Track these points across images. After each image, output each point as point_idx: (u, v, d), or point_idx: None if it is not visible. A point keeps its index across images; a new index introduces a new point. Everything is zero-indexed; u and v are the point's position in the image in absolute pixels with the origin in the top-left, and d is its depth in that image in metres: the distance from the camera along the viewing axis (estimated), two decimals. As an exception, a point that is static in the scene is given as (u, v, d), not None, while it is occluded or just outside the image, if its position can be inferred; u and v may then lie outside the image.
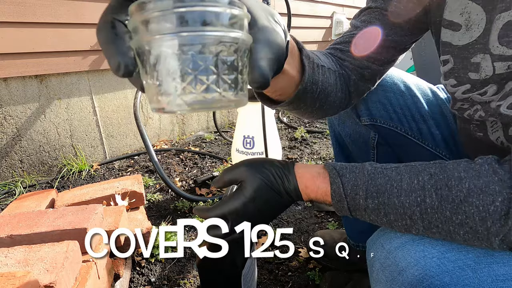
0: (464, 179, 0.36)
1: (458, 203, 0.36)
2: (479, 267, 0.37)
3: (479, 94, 0.45)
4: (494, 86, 0.43)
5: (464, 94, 0.48)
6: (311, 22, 2.83)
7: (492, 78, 0.43)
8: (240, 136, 1.28)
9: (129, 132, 1.83)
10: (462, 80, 0.47)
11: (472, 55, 0.44)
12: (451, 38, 0.46)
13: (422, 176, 0.38)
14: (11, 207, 0.86)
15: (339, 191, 0.43)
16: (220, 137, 2.11)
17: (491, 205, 0.34)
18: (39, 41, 1.34)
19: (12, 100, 1.37)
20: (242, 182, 0.46)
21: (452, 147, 0.68)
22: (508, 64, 0.40)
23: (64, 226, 0.67)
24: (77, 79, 1.54)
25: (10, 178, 1.43)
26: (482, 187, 0.35)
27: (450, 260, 0.38)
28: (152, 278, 0.88)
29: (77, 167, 1.55)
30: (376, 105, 0.69)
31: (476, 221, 0.35)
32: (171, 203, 1.27)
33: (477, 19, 0.42)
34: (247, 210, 0.45)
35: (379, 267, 0.44)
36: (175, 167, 1.63)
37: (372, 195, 0.41)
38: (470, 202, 0.35)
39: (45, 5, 1.32)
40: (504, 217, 0.34)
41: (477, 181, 0.35)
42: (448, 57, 0.48)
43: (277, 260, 0.94)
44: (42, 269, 0.55)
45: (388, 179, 0.41)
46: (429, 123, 0.68)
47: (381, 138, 0.73)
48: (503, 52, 0.40)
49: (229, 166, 0.49)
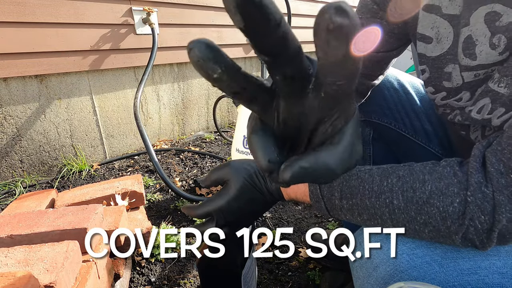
0: (427, 182, 0.38)
1: (421, 204, 0.38)
2: (446, 262, 0.40)
3: (455, 100, 0.49)
4: (467, 93, 0.47)
5: (442, 100, 0.51)
6: (311, 22, 2.82)
7: (463, 86, 0.46)
8: (240, 136, 1.28)
9: (129, 132, 1.83)
10: (438, 88, 0.50)
11: (445, 65, 0.48)
12: (425, 50, 0.50)
13: (391, 178, 0.41)
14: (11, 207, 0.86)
15: (316, 192, 0.45)
16: (220, 137, 2.11)
17: (450, 205, 0.36)
18: (39, 41, 1.34)
19: (12, 100, 1.37)
20: (227, 182, 0.49)
21: (444, 143, 0.70)
22: (474, 73, 0.44)
23: (64, 226, 0.67)
24: (77, 79, 1.54)
25: (10, 178, 1.43)
26: (443, 189, 0.37)
27: (419, 256, 0.41)
28: (152, 278, 0.88)
29: (77, 167, 1.55)
30: (370, 101, 0.71)
31: (438, 220, 0.37)
32: (171, 203, 1.27)
33: (445, 33, 0.46)
34: (231, 208, 0.48)
35: (357, 265, 0.47)
36: (175, 167, 1.63)
37: (346, 196, 0.43)
38: (432, 203, 0.37)
39: (45, 5, 1.32)
40: (461, 217, 0.36)
41: (439, 183, 0.38)
42: (424, 67, 0.52)
43: (277, 260, 0.94)
44: (42, 269, 0.55)
45: (361, 181, 0.43)
46: (422, 120, 0.70)
47: (376, 134, 0.75)
48: (468, 63, 0.44)
49: (216, 166, 0.52)
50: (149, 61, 1.51)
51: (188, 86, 2.07)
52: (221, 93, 2.29)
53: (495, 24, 0.40)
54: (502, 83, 0.40)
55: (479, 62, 0.43)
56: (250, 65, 2.45)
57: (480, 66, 0.43)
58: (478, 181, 0.35)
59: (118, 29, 1.57)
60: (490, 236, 0.35)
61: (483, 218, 0.35)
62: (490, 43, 0.41)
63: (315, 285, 0.86)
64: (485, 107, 0.44)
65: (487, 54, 0.42)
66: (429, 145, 0.70)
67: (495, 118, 0.42)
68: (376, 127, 0.74)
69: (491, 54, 0.41)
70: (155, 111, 1.94)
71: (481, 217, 0.35)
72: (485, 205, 0.35)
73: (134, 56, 1.67)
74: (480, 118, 0.45)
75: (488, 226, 0.35)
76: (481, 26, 0.41)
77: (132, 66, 1.70)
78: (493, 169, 0.35)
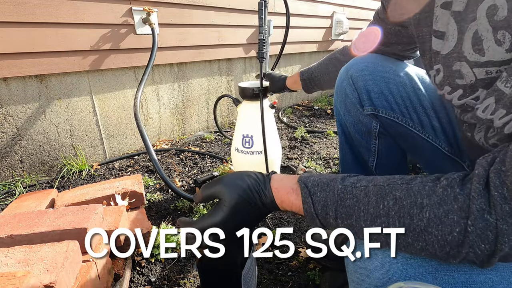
0: (426, 207, 0.37)
1: (419, 232, 0.37)
2: (440, 274, 0.39)
3: (472, 99, 0.48)
4: (484, 91, 0.45)
5: (459, 100, 0.50)
6: (311, 22, 2.83)
7: (477, 83, 0.45)
8: (240, 135, 1.28)
9: (129, 132, 1.83)
10: (454, 86, 0.49)
11: (452, 63, 0.48)
12: (440, 47, 0.50)
13: (387, 200, 0.39)
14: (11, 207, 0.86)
15: (310, 210, 0.44)
16: (220, 137, 2.11)
17: (449, 235, 0.35)
18: (39, 41, 1.34)
19: (12, 100, 1.37)
20: (221, 200, 0.49)
21: (451, 139, 0.69)
22: (485, 69, 0.43)
23: (64, 226, 0.67)
24: (77, 79, 1.54)
25: (10, 178, 1.43)
26: (442, 217, 0.36)
27: (413, 266, 0.40)
28: (152, 278, 0.88)
29: (77, 167, 1.55)
30: (378, 95, 0.71)
31: (435, 248, 0.37)
32: (171, 203, 1.27)
33: (452, 30, 0.46)
34: (226, 226, 0.48)
35: (352, 269, 0.47)
36: (175, 167, 1.63)
37: (342, 216, 0.42)
38: (430, 232, 0.36)
39: (45, 5, 1.32)
40: (460, 245, 0.35)
41: (437, 210, 0.36)
42: (439, 66, 0.51)
43: (277, 260, 0.94)
44: (42, 269, 0.55)
45: (356, 200, 0.42)
46: (430, 115, 0.70)
47: (383, 128, 0.75)
48: (477, 59, 0.43)
49: (208, 183, 0.51)
50: (149, 61, 1.51)
51: (188, 86, 2.07)
52: (221, 93, 2.30)
53: (493, 18, 0.39)
54: (509, 83, 0.38)
55: (488, 58, 0.42)
56: (250, 65, 2.45)
57: (490, 63, 0.42)
58: (480, 208, 0.34)
59: (118, 29, 1.57)
60: (490, 261, 0.35)
61: (483, 247, 0.34)
62: (495, 39, 0.40)
63: (315, 285, 0.86)
64: (489, 107, 0.42)
65: (494, 50, 0.40)
66: (435, 141, 0.70)
67: (497, 119, 0.41)
68: (383, 121, 0.74)
69: (498, 51, 0.40)
70: (155, 111, 1.94)
71: (481, 246, 0.34)
72: (487, 234, 0.33)
73: (134, 56, 1.67)
74: (484, 118, 0.43)
75: (488, 253, 0.34)
76: (484, 20, 0.41)
77: (132, 66, 1.70)
78: (496, 193, 0.33)
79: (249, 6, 2.15)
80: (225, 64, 2.25)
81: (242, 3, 2.10)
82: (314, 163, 1.67)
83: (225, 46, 2.12)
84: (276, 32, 2.46)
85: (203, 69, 2.11)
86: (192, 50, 1.95)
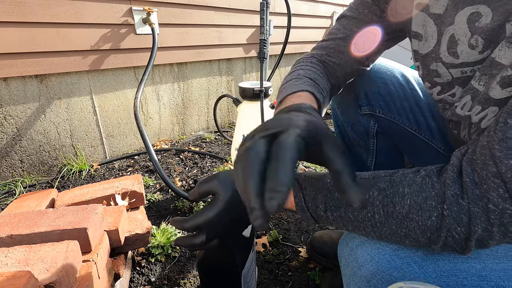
0: (407, 195, 0.39)
1: (401, 218, 0.39)
2: (426, 263, 0.41)
3: (449, 95, 0.51)
4: (460, 88, 0.48)
5: (438, 95, 0.53)
6: (311, 22, 2.83)
7: (454, 81, 0.48)
8: (240, 135, 1.28)
9: (129, 132, 1.83)
10: (433, 83, 0.52)
11: (430, 63, 0.50)
12: (418, 47, 0.52)
13: (372, 191, 0.41)
14: (11, 207, 0.86)
15: (302, 204, 0.45)
16: (220, 137, 2.11)
17: (428, 220, 0.37)
18: (39, 41, 1.34)
19: (12, 100, 1.37)
20: (216, 194, 0.49)
21: (447, 139, 0.70)
22: (460, 70, 0.46)
23: (64, 226, 0.67)
24: (77, 79, 1.54)
25: (10, 178, 1.43)
26: (421, 204, 0.38)
27: (400, 257, 0.42)
28: (152, 278, 0.88)
29: (77, 167, 1.55)
30: (376, 96, 0.73)
31: (417, 233, 0.39)
32: (171, 203, 1.27)
33: (431, 31, 0.48)
34: (221, 220, 0.48)
35: (344, 263, 0.48)
36: (175, 167, 1.63)
37: (331, 209, 0.43)
38: (411, 218, 0.38)
39: (45, 5, 1.32)
40: (439, 229, 0.37)
41: (417, 197, 0.38)
42: (418, 64, 0.54)
43: (277, 260, 0.94)
44: (42, 269, 0.55)
45: None
46: (426, 116, 0.71)
47: (380, 128, 0.76)
48: (452, 61, 0.46)
49: (204, 179, 0.52)
50: (149, 61, 1.51)
51: (188, 86, 2.07)
52: (221, 93, 2.30)
53: (474, 24, 0.41)
54: (482, 81, 0.42)
55: (462, 60, 0.45)
56: (250, 65, 2.45)
57: (465, 64, 0.45)
58: (454, 193, 0.36)
59: (118, 29, 1.57)
60: (468, 244, 0.37)
61: (459, 230, 0.36)
62: (469, 43, 0.43)
63: (315, 285, 0.86)
64: (466, 104, 0.45)
65: (468, 53, 0.43)
66: (432, 141, 0.71)
67: (473, 115, 0.44)
68: (380, 121, 0.75)
69: (471, 54, 0.43)
70: (155, 111, 1.94)
71: (457, 229, 0.36)
72: (462, 217, 0.36)
73: (134, 56, 1.67)
74: (463, 115, 0.47)
75: (465, 236, 0.36)
76: (463, 25, 0.43)
77: (132, 66, 1.70)
78: (468, 179, 0.36)
79: (249, 6, 2.15)
80: (225, 64, 2.25)
81: (242, 3, 2.10)
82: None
83: (225, 46, 2.12)
84: (276, 32, 2.46)
85: (203, 69, 2.11)
86: (192, 50, 1.95)
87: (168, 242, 0.97)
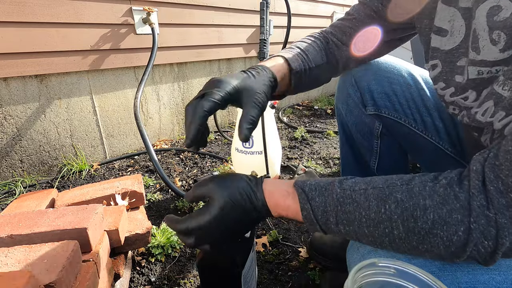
0: (429, 209, 0.36)
1: (424, 234, 0.37)
2: (443, 274, 0.39)
3: (462, 98, 0.48)
4: (473, 92, 0.46)
5: (451, 97, 0.51)
6: (311, 22, 2.83)
7: (468, 83, 0.46)
8: (240, 136, 1.28)
9: (129, 132, 1.83)
10: (449, 83, 0.50)
11: (457, 58, 0.48)
12: (439, 44, 0.50)
13: (388, 203, 0.39)
14: (11, 207, 0.86)
15: (310, 216, 0.43)
16: (220, 137, 2.11)
17: (455, 235, 0.35)
18: (39, 41, 1.34)
19: (12, 100, 1.37)
20: (210, 199, 0.47)
21: (455, 140, 0.69)
22: (477, 69, 0.43)
23: (64, 226, 0.67)
24: (77, 79, 1.54)
25: (10, 178, 1.43)
26: (446, 217, 0.36)
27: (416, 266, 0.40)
28: (152, 278, 0.88)
29: (77, 167, 1.55)
30: (381, 96, 0.71)
31: (440, 249, 0.36)
32: (171, 203, 1.27)
33: (458, 26, 0.46)
34: (211, 228, 0.46)
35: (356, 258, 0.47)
36: (175, 166, 1.63)
37: (343, 222, 0.41)
38: (435, 234, 0.36)
39: (45, 5, 1.32)
40: (465, 245, 0.35)
41: (441, 210, 0.36)
42: (436, 62, 0.51)
43: (277, 260, 0.94)
44: (42, 269, 0.55)
45: (356, 205, 0.41)
46: (434, 116, 0.69)
47: (385, 128, 0.75)
48: (474, 57, 0.44)
49: (200, 182, 0.50)
50: (149, 61, 1.51)
51: (188, 86, 2.07)
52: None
53: (493, 18, 0.39)
54: (506, 86, 0.39)
55: (482, 57, 0.42)
56: (250, 65, 2.44)
57: (483, 62, 0.42)
58: (480, 204, 0.34)
59: (118, 29, 1.56)
60: (493, 257, 0.35)
61: (486, 244, 0.34)
62: (490, 38, 0.40)
63: (315, 285, 0.86)
64: (488, 110, 0.43)
65: (489, 49, 0.41)
66: (439, 142, 0.70)
67: (496, 122, 0.41)
68: (385, 121, 0.73)
69: (492, 50, 0.41)
70: (155, 111, 1.94)
71: (484, 242, 0.34)
72: (489, 230, 0.33)
73: (134, 56, 1.67)
74: (484, 121, 0.44)
75: (491, 250, 0.34)
76: (482, 19, 0.41)
77: (132, 66, 1.70)
78: (492, 187, 0.34)
79: (249, 6, 2.14)
80: (225, 64, 2.25)
81: (242, 3, 2.10)
82: (314, 163, 1.67)
83: (225, 46, 2.12)
84: (276, 32, 2.46)
85: (203, 69, 2.11)
86: (192, 50, 1.95)
87: (168, 242, 0.97)
